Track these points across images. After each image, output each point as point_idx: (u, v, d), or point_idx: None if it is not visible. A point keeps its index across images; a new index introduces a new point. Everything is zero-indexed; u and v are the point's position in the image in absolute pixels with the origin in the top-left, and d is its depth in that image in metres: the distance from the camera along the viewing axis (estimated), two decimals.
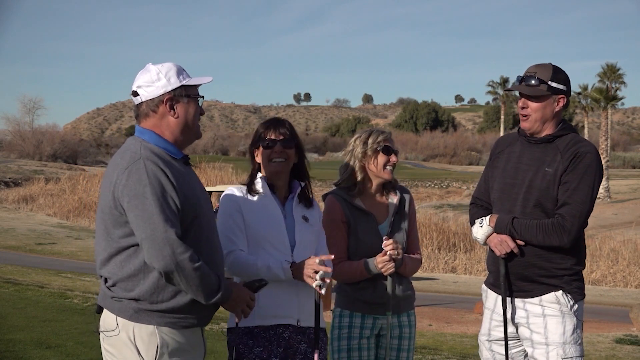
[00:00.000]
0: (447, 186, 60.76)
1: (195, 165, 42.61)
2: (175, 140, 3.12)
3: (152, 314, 2.99)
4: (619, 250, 22.72)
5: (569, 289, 3.78)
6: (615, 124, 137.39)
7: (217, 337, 8.51)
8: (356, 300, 4.00)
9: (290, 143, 3.64)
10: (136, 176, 2.93)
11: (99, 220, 3.07)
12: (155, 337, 2.98)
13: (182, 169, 3.09)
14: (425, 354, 8.91)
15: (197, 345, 3.12)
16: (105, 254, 3.03)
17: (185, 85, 3.13)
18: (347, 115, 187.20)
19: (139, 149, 3.02)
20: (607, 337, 11.08)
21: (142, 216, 2.89)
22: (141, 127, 3.14)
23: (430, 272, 22.12)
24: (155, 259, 2.88)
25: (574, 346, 3.76)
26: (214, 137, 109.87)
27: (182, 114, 3.12)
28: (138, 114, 3.17)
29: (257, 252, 3.54)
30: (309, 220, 3.69)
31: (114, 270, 3.01)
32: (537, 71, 3.84)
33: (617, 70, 53.36)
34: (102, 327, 3.09)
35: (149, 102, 3.11)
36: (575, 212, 3.69)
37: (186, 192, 3.01)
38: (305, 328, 3.59)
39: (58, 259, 21.05)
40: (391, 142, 4.09)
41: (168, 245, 2.86)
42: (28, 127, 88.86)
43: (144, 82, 3.11)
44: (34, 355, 7.21)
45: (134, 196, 2.91)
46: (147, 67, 3.16)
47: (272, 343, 3.50)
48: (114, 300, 3.02)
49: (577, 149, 3.76)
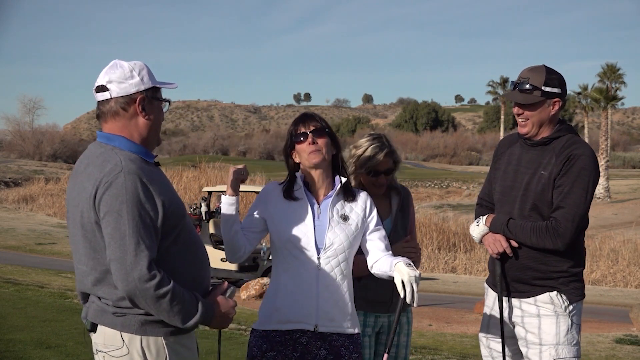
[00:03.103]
0: (447, 186, 60.80)
1: (196, 166, 42.50)
2: (142, 143, 2.97)
3: (158, 325, 2.88)
4: (619, 250, 22.74)
5: (564, 290, 3.78)
6: (615, 124, 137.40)
7: (216, 337, 8.49)
8: (359, 299, 4.00)
9: (322, 132, 3.50)
10: (115, 191, 2.77)
11: (80, 238, 2.88)
12: (164, 349, 2.88)
13: (158, 175, 2.95)
14: (425, 354, 8.91)
15: (193, 346, 3.06)
16: (95, 273, 2.87)
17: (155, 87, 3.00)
18: (347, 115, 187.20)
19: (119, 160, 2.84)
20: (607, 337, 11.08)
21: (115, 235, 2.75)
22: (107, 132, 2.96)
23: (430, 272, 22.13)
24: (121, 283, 2.76)
25: (567, 347, 3.76)
26: (213, 137, 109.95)
27: (152, 115, 2.98)
28: (103, 112, 2.96)
29: (281, 253, 3.47)
30: (347, 219, 3.51)
31: (109, 290, 2.86)
32: (529, 76, 3.81)
33: (617, 70, 53.35)
34: (101, 345, 2.91)
35: (120, 99, 2.92)
36: (568, 215, 3.68)
37: (169, 199, 2.89)
38: (325, 334, 3.43)
39: (58, 259, 21.04)
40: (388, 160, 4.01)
41: (136, 271, 2.73)
42: (28, 127, 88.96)
43: (116, 78, 2.92)
44: (34, 355, 7.21)
45: (109, 212, 2.76)
46: (116, 62, 2.97)
47: (287, 348, 3.41)
48: (116, 315, 2.86)
49: (570, 152, 3.73)
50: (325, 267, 3.44)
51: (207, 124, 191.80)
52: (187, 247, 2.98)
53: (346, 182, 3.57)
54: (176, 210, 2.92)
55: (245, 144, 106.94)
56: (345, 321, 3.48)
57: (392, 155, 4.06)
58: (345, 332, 3.47)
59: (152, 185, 2.84)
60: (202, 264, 3.05)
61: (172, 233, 2.90)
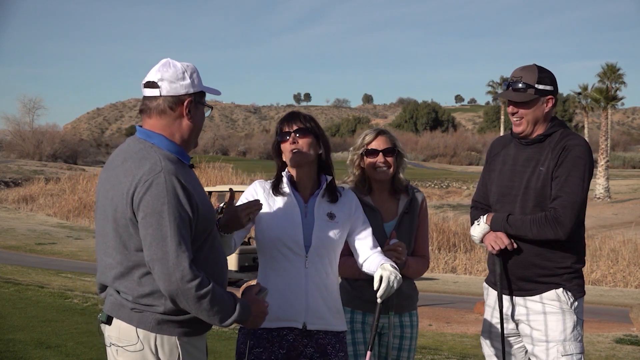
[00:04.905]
0: (447, 186, 60.77)
1: (195, 166, 43.03)
2: (182, 144, 2.99)
3: (174, 324, 2.89)
4: (619, 250, 22.73)
5: (569, 287, 3.80)
6: (615, 124, 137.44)
7: (216, 337, 8.51)
8: (356, 299, 4.01)
9: (305, 132, 3.50)
10: (155, 191, 2.78)
11: (110, 231, 2.89)
12: (177, 348, 2.90)
13: (193, 177, 2.98)
14: (425, 354, 8.92)
15: (203, 347, 3.07)
16: (121, 267, 2.87)
17: (202, 91, 3.02)
18: (347, 115, 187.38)
19: (159, 159, 2.84)
20: (607, 337, 11.07)
21: (156, 236, 2.76)
22: (148, 129, 2.96)
23: (430, 272, 22.11)
24: (163, 283, 2.78)
25: (574, 343, 3.78)
26: (213, 137, 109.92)
27: (196, 119, 3.00)
28: (149, 108, 2.97)
29: (269, 252, 3.49)
30: (334, 218, 3.54)
31: (131, 286, 2.87)
32: (522, 75, 3.85)
33: (617, 70, 53.33)
34: (115, 339, 2.92)
35: (169, 98, 2.94)
36: (567, 203, 3.70)
37: (202, 202, 2.91)
38: (312, 332, 3.47)
39: (58, 259, 21.07)
40: (385, 140, 4.05)
41: (178, 271, 2.75)
42: (28, 127, 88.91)
43: (168, 76, 2.93)
44: (34, 355, 7.21)
45: (151, 213, 2.77)
46: (169, 61, 2.98)
47: (274, 345, 3.44)
48: (134, 311, 2.87)
49: (564, 143, 3.78)
50: (314, 265, 3.48)
51: (207, 124, 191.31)
52: (213, 252, 3.00)
53: (331, 180, 3.61)
54: (208, 215, 2.94)
55: (245, 144, 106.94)
56: (333, 318, 3.53)
57: (387, 135, 4.09)
58: (332, 329, 3.52)
59: (189, 187, 2.86)
60: (223, 270, 3.07)
61: (201, 237, 2.92)
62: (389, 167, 4.04)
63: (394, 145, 4.08)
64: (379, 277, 3.37)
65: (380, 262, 3.48)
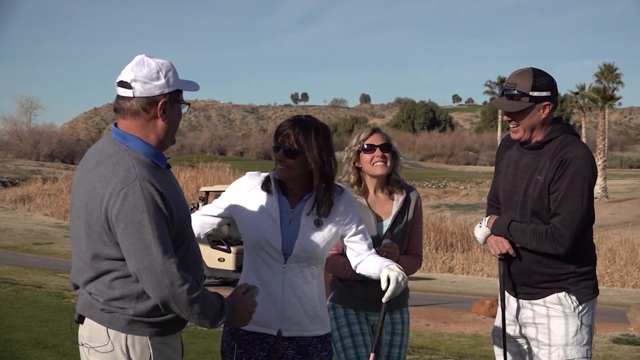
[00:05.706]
0: (444, 186, 60.82)
1: (194, 166, 42.23)
2: (158, 145, 2.91)
3: (145, 325, 2.86)
4: (616, 250, 22.79)
5: (574, 290, 3.75)
6: (612, 124, 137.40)
7: (216, 337, 8.51)
8: (349, 297, 4.04)
9: (294, 154, 3.33)
10: (133, 200, 2.71)
11: (84, 235, 2.83)
12: (148, 348, 2.86)
13: (169, 180, 2.91)
14: (422, 354, 8.92)
15: (178, 346, 3.03)
16: (92, 272, 2.83)
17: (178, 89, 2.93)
18: (344, 115, 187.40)
19: (132, 165, 2.77)
20: (604, 337, 11.09)
21: (139, 246, 2.71)
22: (123, 129, 2.89)
23: (427, 272, 22.14)
24: (154, 291, 2.74)
25: (576, 347, 3.74)
26: (211, 137, 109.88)
27: (172, 118, 2.91)
28: (123, 108, 2.88)
29: (250, 254, 3.42)
30: (321, 224, 3.39)
31: (102, 289, 2.83)
32: (516, 82, 3.73)
33: (615, 70, 53.36)
34: (87, 338, 2.88)
35: (142, 99, 2.84)
36: (566, 222, 3.65)
37: (178, 205, 2.86)
38: (290, 338, 3.38)
39: (55, 259, 21.06)
40: (381, 136, 4.07)
41: (167, 277, 2.71)
42: (25, 127, 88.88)
43: (142, 77, 2.83)
44: (31, 355, 7.20)
45: (131, 223, 2.70)
46: (144, 59, 2.87)
47: (255, 347, 3.39)
48: (104, 312, 2.83)
49: (562, 155, 3.67)
50: (292, 271, 3.37)
51: (205, 123, 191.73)
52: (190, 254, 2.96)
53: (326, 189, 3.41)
54: (184, 219, 2.90)
55: (242, 144, 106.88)
56: (311, 324, 3.41)
57: (383, 133, 4.12)
58: (310, 334, 3.41)
59: (165, 192, 2.80)
60: (201, 272, 3.04)
61: (178, 240, 2.88)
62: (386, 161, 4.05)
63: (388, 141, 4.10)
64: (386, 277, 3.31)
65: (383, 262, 3.39)
